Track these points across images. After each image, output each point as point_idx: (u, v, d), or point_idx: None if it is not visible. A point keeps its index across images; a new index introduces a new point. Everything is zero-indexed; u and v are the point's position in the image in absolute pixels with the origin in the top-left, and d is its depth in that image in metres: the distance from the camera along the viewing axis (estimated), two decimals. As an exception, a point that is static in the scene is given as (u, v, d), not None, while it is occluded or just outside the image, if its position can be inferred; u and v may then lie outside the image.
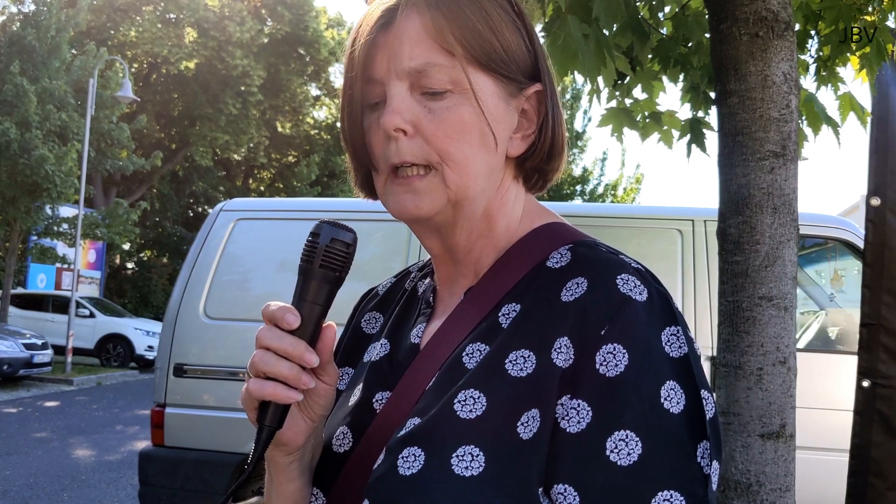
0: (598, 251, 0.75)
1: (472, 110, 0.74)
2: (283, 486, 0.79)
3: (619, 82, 2.94)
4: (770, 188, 2.09)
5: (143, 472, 4.27)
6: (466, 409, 0.69)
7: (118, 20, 25.02)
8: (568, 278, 0.73)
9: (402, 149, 0.73)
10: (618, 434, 0.65)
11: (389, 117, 0.73)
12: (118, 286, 26.44)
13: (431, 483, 0.66)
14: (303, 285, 0.73)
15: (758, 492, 2.05)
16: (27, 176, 15.28)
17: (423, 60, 0.73)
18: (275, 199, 5.17)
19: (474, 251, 0.80)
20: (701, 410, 0.68)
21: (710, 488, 0.66)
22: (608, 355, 0.67)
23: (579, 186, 22.81)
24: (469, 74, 0.73)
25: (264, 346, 0.71)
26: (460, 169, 0.74)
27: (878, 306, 2.43)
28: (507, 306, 0.76)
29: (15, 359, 13.22)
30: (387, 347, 0.85)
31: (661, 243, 4.21)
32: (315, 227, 0.74)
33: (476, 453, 0.67)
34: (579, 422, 0.67)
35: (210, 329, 4.31)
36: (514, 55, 0.77)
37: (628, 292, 0.69)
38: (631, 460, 0.64)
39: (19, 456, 7.92)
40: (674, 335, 0.69)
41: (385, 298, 0.94)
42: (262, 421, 0.72)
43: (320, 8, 27.19)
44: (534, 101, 0.79)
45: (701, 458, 0.66)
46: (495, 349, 0.72)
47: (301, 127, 28.91)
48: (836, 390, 3.77)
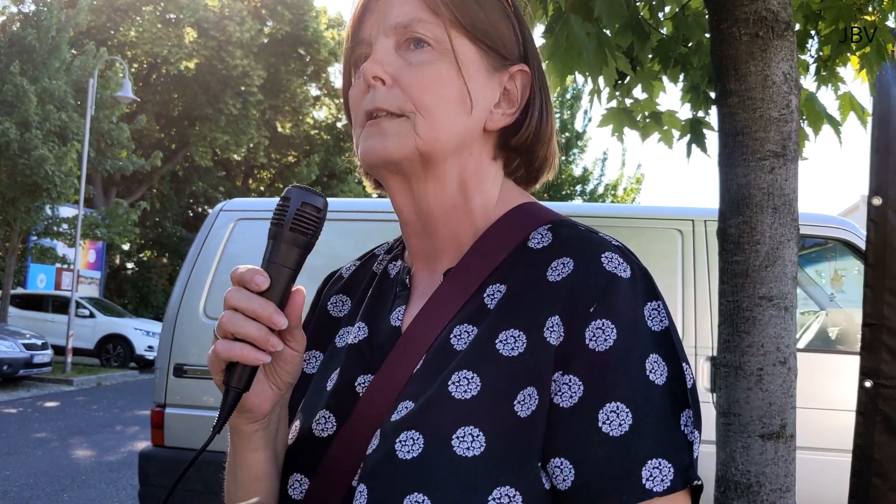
0: (578, 230, 0.78)
1: (450, 67, 0.76)
2: (248, 456, 0.78)
3: (619, 82, 2.94)
4: (770, 188, 2.09)
5: (143, 473, 4.26)
6: (461, 389, 0.70)
7: (118, 20, 25.02)
8: (552, 258, 0.75)
9: (378, 96, 0.75)
10: (609, 406, 0.67)
11: (370, 66, 0.75)
12: (118, 286, 26.44)
13: (434, 465, 0.67)
14: (273, 248, 0.73)
15: (758, 492, 2.05)
16: (27, 176, 15.28)
17: (409, 16, 0.75)
18: (275, 199, 5.19)
19: (450, 224, 0.80)
20: (682, 381, 0.70)
21: (694, 454, 0.69)
22: (597, 331, 0.69)
23: (579, 186, 22.80)
24: (451, 36, 0.76)
25: (232, 306, 0.71)
26: (432, 120, 0.75)
27: (881, 306, 2.43)
28: (491, 287, 0.76)
29: (15, 359, 13.22)
30: (365, 331, 0.83)
31: (661, 243, 4.20)
32: (286, 191, 0.74)
33: (476, 433, 0.68)
34: (571, 396, 0.68)
35: (210, 329, 4.30)
36: (499, 32, 0.79)
37: (613, 270, 0.72)
38: (622, 430, 0.66)
39: (19, 456, 7.92)
40: (655, 310, 0.72)
41: (351, 281, 0.93)
42: (229, 383, 0.71)
43: (320, 8, 27.21)
44: (518, 82, 0.81)
45: (685, 427, 0.69)
46: (484, 330, 0.73)
47: (301, 127, 28.91)
48: (837, 390, 3.77)
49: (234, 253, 4.48)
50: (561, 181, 20.99)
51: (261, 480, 0.79)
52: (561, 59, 2.24)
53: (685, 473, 0.67)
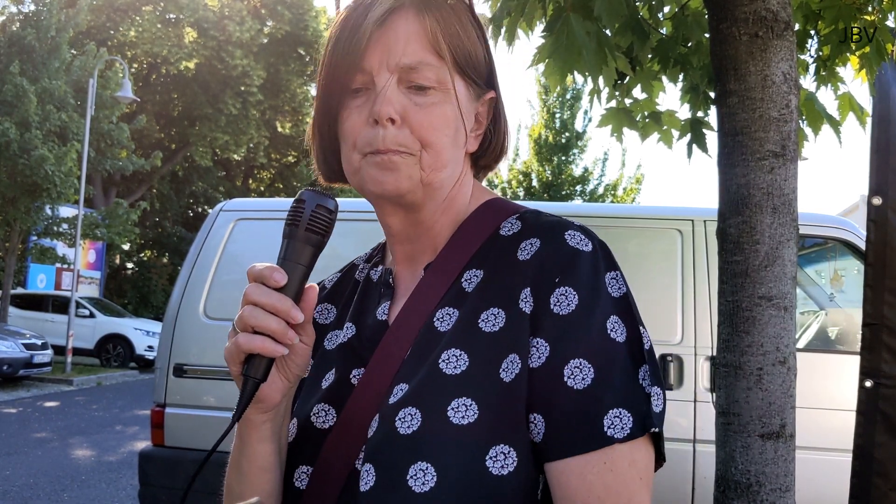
0: (543, 216, 0.86)
1: (451, 108, 0.83)
2: (255, 447, 0.83)
3: (618, 82, 2.94)
4: (770, 188, 2.09)
5: (143, 472, 4.26)
6: (451, 366, 0.77)
7: (118, 20, 25.02)
8: (521, 240, 0.83)
9: (388, 136, 0.80)
10: (573, 363, 0.74)
11: (384, 107, 0.80)
12: (118, 286, 26.43)
13: (433, 436, 0.73)
14: (288, 247, 0.77)
15: (758, 492, 2.05)
16: (27, 176, 15.27)
17: (417, 58, 0.81)
18: (275, 199, 5.19)
19: (434, 229, 0.88)
20: (640, 341, 0.77)
21: (651, 406, 0.74)
22: (561, 297, 0.77)
23: (579, 186, 22.78)
24: (453, 79, 0.83)
25: (252, 301, 0.75)
26: (436, 155, 0.82)
27: (881, 306, 2.43)
28: (468, 272, 0.84)
29: (15, 359, 13.22)
30: (353, 329, 0.90)
31: (661, 243, 4.20)
32: (300, 194, 0.79)
33: (469, 403, 0.74)
34: (539, 357, 0.75)
35: (210, 329, 4.31)
36: (479, 63, 0.87)
37: (576, 245, 0.79)
38: (585, 384, 0.73)
39: (19, 456, 7.92)
40: (614, 279, 0.79)
41: (335, 291, 1.00)
42: (248, 373, 0.75)
43: (320, 8, 27.19)
44: (486, 105, 0.89)
45: (643, 380, 0.75)
46: (466, 312, 0.80)
47: (301, 127, 28.89)
48: (836, 390, 3.77)
49: (234, 253, 4.48)
50: (561, 181, 20.99)
51: (266, 471, 0.84)
52: (561, 59, 2.24)
53: (643, 421, 0.73)
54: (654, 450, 0.75)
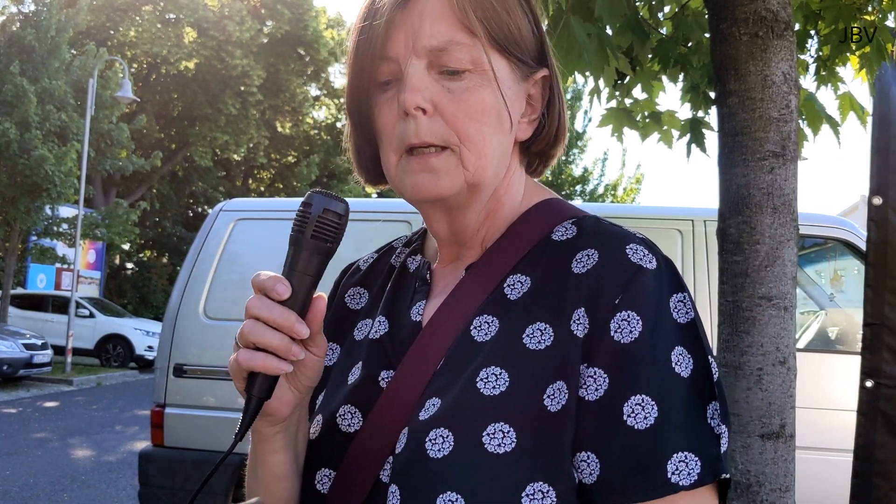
0: (602, 223, 0.77)
1: (490, 92, 0.74)
2: (267, 458, 0.78)
3: (618, 82, 2.94)
4: (770, 188, 2.09)
5: (143, 473, 4.26)
6: (489, 385, 0.69)
7: (118, 20, 25.01)
8: (577, 250, 0.74)
9: (421, 129, 0.73)
10: (634, 399, 0.66)
11: (410, 95, 0.72)
12: (118, 286, 26.43)
13: (466, 463, 0.66)
14: (293, 255, 0.71)
15: (758, 492, 2.05)
16: (27, 176, 15.27)
17: (445, 38, 0.72)
18: (275, 199, 5.18)
19: (481, 232, 0.80)
20: (709, 373, 0.69)
21: (721, 447, 0.67)
22: (622, 322, 0.68)
23: (579, 186, 22.80)
24: (490, 57, 0.73)
25: (254, 315, 0.69)
26: (478, 150, 0.74)
27: (882, 306, 2.42)
28: (513, 277, 0.76)
29: (15, 359, 13.22)
30: (385, 325, 0.83)
31: (661, 243, 4.15)
32: (307, 196, 0.72)
33: (507, 430, 0.67)
34: (597, 389, 0.68)
35: (210, 329, 4.31)
36: (525, 38, 0.77)
37: (639, 261, 0.71)
38: (648, 424, 0.65)
39: (19, 456, 7.92)
40: (681, 301, 0.71)
41: (368, 273, 0.92)
42: (251, 391, 0.71)
43: (320, 8, 27.18)
44: (539, 85, 0.80)
45: (711, 419, 0.68)
46: (509, 324, 0.73)
47: (301, 127, 28.90)
48: (836, 390, 3.77)
49: (234, 253, 4.48)
50: (561, 181, 21.00)
51: (282, 480, 0.79)
52: (562, 61, 2.24)
53: (713, 466, 0.66)
54: (719, 497, 0.68)
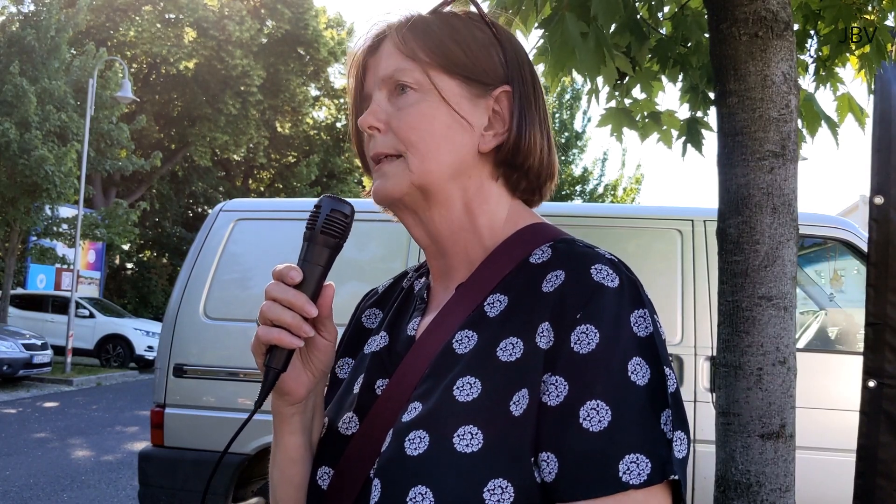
0: (574, 246, 0.84)
1: (434, 103, 0.85)
2: (286, 439, 0.90)
3: (618, 82, 2.94)
4: (770, 188, 2.09)
5: (143, 473, 4.26)
6: (464, 393, 0.78)
7: (117, 20, 25.02)
8: (548, 271, 0.82)
9: (377, 143, 0.87)
10: (590, 404, 0.73)
11: (365, 118, 0.87)
12: (118, 286, 26.43)
13: (437, 461, 0.75)
14: (307, 249, 0.84)
15: (758, 492, 2.05)
16: (27, 176, 15.27)
17: (393, 67, 0.86)
18: (275, 200, 5.19)
19: (459, 243, 0.89)
20: (664, 384, 0.75)
21: (673, 452, 0.72)
22: (581, 335, 0.75)
23: (579, 186, 22.80)
24: (431, 75, 0.85)
25: (271, 297, 0.82)
26: (422, 155, 0.84)
27: (884, 305, 2.42)
28: (492, 296, 0.85)
29: (15, 359, 13.22)
30: (386, 339, 0.94)
31: (661, 243, 4.20)
32: (318, 200, 0.86)
33: (475, 432, 0.75)
34: (557, 395, 0.74)
35: (210, 329, 4.31)
36: (480, 62, 0.87)
37: (601, 280, 0.78)
38: (601, 427, 0.72)
39: (19, 456, 7.92)
40: (641, 317, 0.77)
41: (384, 296, 1.04)
42: (269, 363, 0.82)
43: (320, 7, 27.17)
44: (504, 103, 0.88)
45: (664, 425, 0.73)
46: (487, 339, 0.81)
47: (300, 127, 28.90)
48: (836, 390, 3.78)
49: (234, 253, 4.48)
50: (560, 181, 20.99)
51: (296, 463, 0.90)
52: (554, 56, 2.23)
53: (663, 468, 0.71)
54: (672, 498, 0.73)
